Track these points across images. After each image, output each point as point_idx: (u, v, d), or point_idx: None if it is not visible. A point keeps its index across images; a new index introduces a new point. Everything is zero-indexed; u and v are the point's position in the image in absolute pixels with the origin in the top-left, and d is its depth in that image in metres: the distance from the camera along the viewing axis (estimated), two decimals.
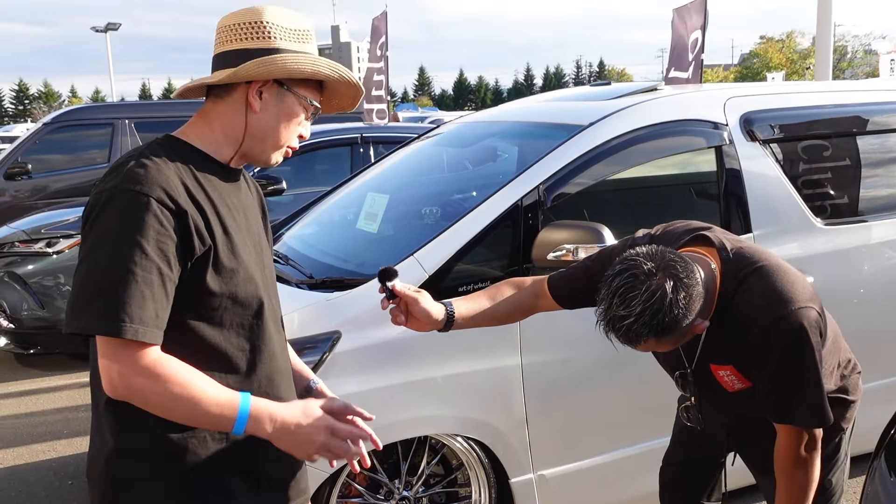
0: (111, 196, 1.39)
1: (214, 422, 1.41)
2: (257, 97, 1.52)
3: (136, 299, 1.34)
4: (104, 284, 1.35)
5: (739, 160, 3.10)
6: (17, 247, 5.67)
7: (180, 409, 1.39)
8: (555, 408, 2.79)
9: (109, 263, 1.35)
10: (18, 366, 5.76)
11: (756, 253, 1.96)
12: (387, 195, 3.50)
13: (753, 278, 1.89)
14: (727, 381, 2.02)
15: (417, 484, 2.71)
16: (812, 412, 1.89)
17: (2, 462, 4.11)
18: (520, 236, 2.73)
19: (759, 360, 1.90)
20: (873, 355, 3.11)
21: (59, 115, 8.71)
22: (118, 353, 1.36)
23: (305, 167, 6.41)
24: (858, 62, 49.77)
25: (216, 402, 1.40)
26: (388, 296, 1.97)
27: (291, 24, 1.54)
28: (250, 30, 1.51)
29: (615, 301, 1.74)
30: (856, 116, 3.43)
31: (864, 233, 3.30)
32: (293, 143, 1.61)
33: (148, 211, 1.37)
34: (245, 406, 1.41)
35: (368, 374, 2.54)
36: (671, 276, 1.73)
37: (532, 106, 3.97)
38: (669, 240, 2.03)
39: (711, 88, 3.58)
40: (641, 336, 1.74)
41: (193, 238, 1.42)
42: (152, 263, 1.36)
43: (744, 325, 1.88)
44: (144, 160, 1.43)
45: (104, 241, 1.37)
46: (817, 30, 8.18)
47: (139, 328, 1.34)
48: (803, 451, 1.92)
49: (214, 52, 1.56)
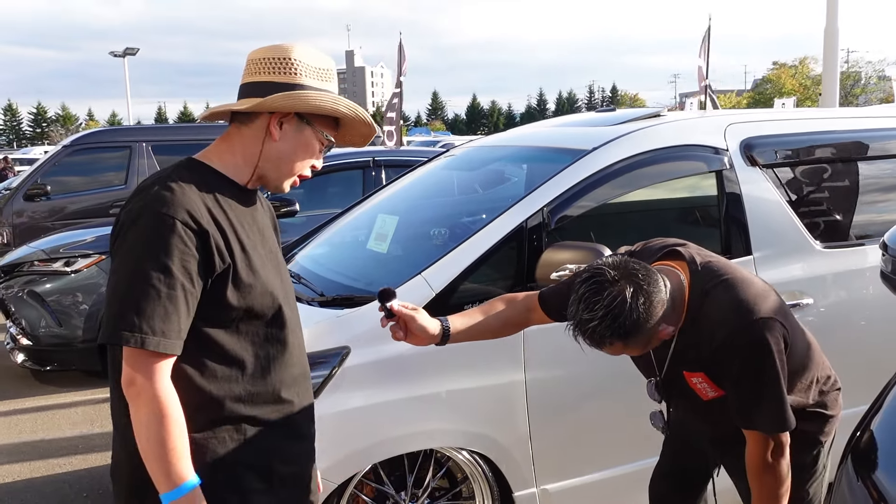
0: (138, 216, 1.51)
1: (162, 469, 1.49)
2: (278, 127, 1.65)
3: (160, 314, 1.47)
4: (131, 300, 1.47)
5: (740, 184, 3.18)
6: (36, 266, 5.80)
7: (154, 438, 1.48)
8: (558, 423, 2.86)
9: (137, 280, 1.47)
10: (35, 382, 5.87)
11: (724, 267, 2.08)
12: (396, 217, 3.60)
13: (719, 290, 2.01)
14: (700, 389, 2.12)
15: (423, 496, 2.78)
16: (773, 419, 1.98)
17: (20, 475, 4.21)
18: (524, 256, 2.82)
19: (722, 368, 2.02)
20: (871, 376, 3.16)
21: (78, 138, 8.89)
22: (140, 362, 1.48)
23: (318, 189, 6.53)
24: (872, 88, 49.75)
25: (180, 457, 1.49)
26: (386, 315, 2.12)
27: (316, 62, 1.67)
28: (279, 65, 1.64)
29: (581, 306, 1.87)
30: (854, 142, 3.51)
31: (863, 256, 3.36)
32: (305, 172, 1.73)
33: (173, 232, 1.49)
34: (190, 485, 1.50)
35: (377, 389, 2.62)
36: (632, 283, 1.86)
37: (539, 131, 4.07)
38: (647, 254, 2.16)
39: (713, 115, 3.68)
40: (605, 338, 1.87)
41: (214, 256, 1.54)
42: (176, 281, 1.48)
43: (709, 334, 2.00)
44: (170, 183, 1.55)
45: (132, 259, 1.49)
46: (824, 57, 8.30)
47: (161, 340, 1.47)
48: (769, 458, 2.01)
49: (242, 81, 1.69)
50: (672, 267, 2.08)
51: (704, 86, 6.25)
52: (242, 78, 1.69)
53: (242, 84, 1.69)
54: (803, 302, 3.14)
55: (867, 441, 1.48)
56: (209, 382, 1.58)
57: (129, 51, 32.96)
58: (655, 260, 2.13)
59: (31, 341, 5.54)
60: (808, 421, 2.14)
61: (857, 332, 3.29)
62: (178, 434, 1.50)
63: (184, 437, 1.51)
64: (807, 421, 2.12)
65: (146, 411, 1.48)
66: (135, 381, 1.48)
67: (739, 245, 3.14)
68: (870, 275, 3.37)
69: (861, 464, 1.41)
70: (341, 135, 1.78)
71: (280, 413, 1.68)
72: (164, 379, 1.50)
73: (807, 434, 2.15)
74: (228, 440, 1.60)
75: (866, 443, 1.48)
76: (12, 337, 5.71)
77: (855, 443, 1.49)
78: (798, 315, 3.06)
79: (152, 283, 1.47)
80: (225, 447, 1.59)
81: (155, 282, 1.47)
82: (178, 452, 1.49)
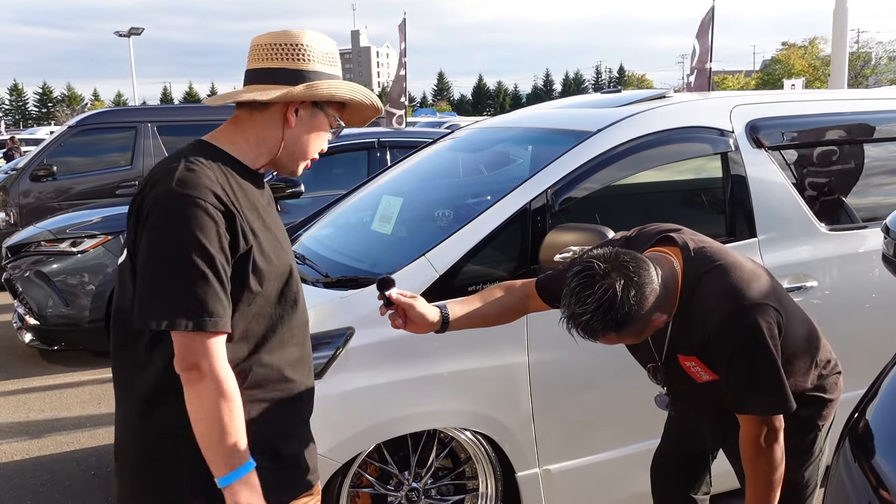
0: (167, 201, 1.50)
1: (225, 451, 1.50)
2: (294, 114, 1.66)
3: (210, 293, 1.49)
4: (177, 283, 1.48)
5: (745, 166, 3.17)
6: (43, 246, 5.83)
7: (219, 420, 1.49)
8: (560, 405, 2.88)
9: (179, 263, 1.48)
10: (43, 362, 5.92)
11: (717, 252, 2.08)
12: (401, 198, 3.61)
13: (711, 275, 2.02)
14: (694, 373, 2.13)
15: (426, 476, 2.81)
16: (767, 403, 1.99)
17: (28, 453, 4.26)
18: (528, 238, 2.83)
19: (715, 352, 2.02)
20: (874, 359, 3.16)
21: (84, 119, 8.88)
22: (199, 345, 1.49)
23: (323, 171, 6.52)
24: (882, 69, 49.34)
25: (242, 438, 1.52)
26: (385, 303, 2.12)
27: (323, 48, 1.68)
28: (289, 51, 1.65)
29: (572, 300, 1.89)
30: (860, 124, 3.49)
31: (868, 239, 3.35)
32: (316, 155, 1.76)
33: (206, 213, 1.50)
34: (252, 465, 1.53)
35: (381, 369, 2.64)
36: (623, 276, 1.86)
37: (543, 112, 4.06)
38: (642, 240, 2.17)
39: (718, 96, 3.66)
40: (598, 331, 1.89)
41: (239, 238, 1.56)
42: (216, 260, 1.50)
43: (702, 319, 2.00)
44: (192, 165, 1.55)
45: (168, 242, 1.49)
46: (833, 37, 8.23)
47: (216, 320, 1.49)
48: (763, 442, 2.02)
49: (250, 66, 1.68)
50: (665, 253, 2.08)
51: (701, 68, 6.27)
52: (249, 63, 1.69)
53: (250, 69, 1.68)
54: (808, 284, 3.14)
55: (864, 427, 1.49)
56: None
57: (135, 30, 32.89)
58: (650, 246, 2.13)
59: (38, 321, 5.58)
60: (807, 405, 2.14)
61: (861, 315, 3.29)
62: (240, 415, 1.52)
63: (242, 418, 1.53)
64: (805, 405, 2.12)
65: (210, 394, 1.49)
66: (198, 366, 1.48)
67: (744, 227, 3.13)
68: (875, 258, 3.36)
69: (859, 448, 1.42)
70: (345, 116, 1.79)
71: (284, 393, 1.70)
72: (224, 360, 1.52)
73: (804, 418, 2.15)
74: None
75: (863, 428, 1.49)
76: (20, 317, 5.75)
77: (852, 427, 1.50)
78: (802, 298, 3.07)
79: (195, 263, 1.47)
80: None
81: (197, 262, 1.47)
82: (240, 433, 1.51)
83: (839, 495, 1.41)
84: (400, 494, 2.80)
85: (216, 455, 1.51)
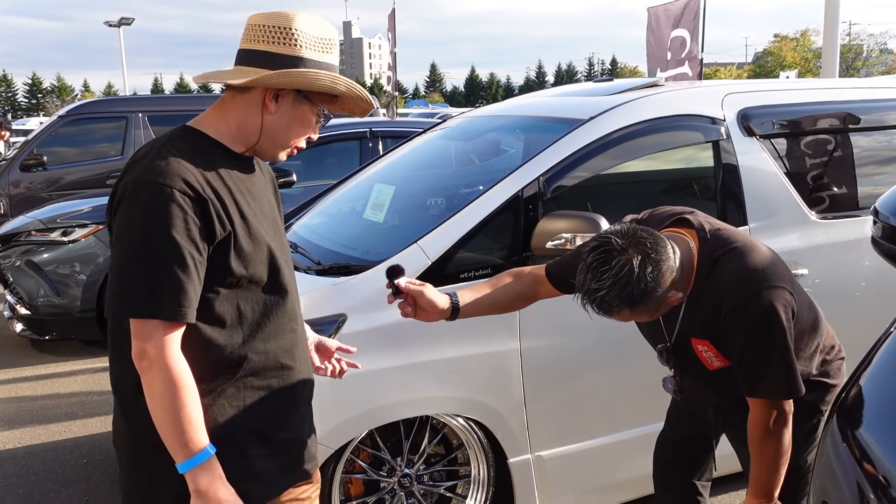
0: (135, 188, 1.49)
1: (178, 438, 1.49)
2: (273, 100, 1.62)
3: (169, 283, 1.47)
4: (137, 271, 1.46)
5: (736, 155, 3.18)
6: (34, 235, 5.81)
7: (169, 408, 1.48)
8: (552, 391, 2.89)
9: (142, 252, 1.47)
10: (34, 351, 5.91)
11: (733, 235, 2.07)
12: (393, 186, 3.60)
13: (727, 258, 2.00)
14: (706, 358, 2.12)
15: (419, 462, 2.82)
16: (779, 386, 1.99)
17: (21, 441, 4.25)
18: (520, 226, 2.83)
19: (729, 335, 2.01)
20: (866, 346, 3.18)
21: (74, 108, 8.83)
22: (150, 333, 1.48)
23: (315, 160, 6.52)
24: (874, 61, 49.48)
25: (195, 426, 1.50)
26: (393, 291, 2.09)
27: (318, 33, 1.63)
28: (279, 34, 1.60)
29: (588, 276, 1.86)
30: (851, 113, 3.50)
31: (859, 226, 3.37)
32: (300, 143, 1.71)
33: (172, 201, 1.47)
34: (207, 453, 1.51)
35: (372, 356, 2.64)
36: (640, 252, 1.84)
37: (535, 101, 4.06)
38: (654, 222, 2.15)
39: (710, 84, 3.67)
40: (613, 307, 1.86)
41: (215, 224, 1.53)
42: (182, 249, 1.48)
43: (717, 301, 1.99)
44: (164, 153, 1.53)
45: (134, 231, 1.48)
46: (824, 29, 8.24)
47: (174, 309, 1.47)
48: (772, 426, 2.02)
49: (241, 45, 1.65)
50: (681, 234, 2.06)
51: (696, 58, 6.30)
52: (241, 42, 1.65)
53: (240, 49, 1.65)
54: (798, 272, 3.15)
55: (854, 396, 1.49)
56: (209, 349, 1.58)
57: (125, 20, 32.67)
58: (664, 227, 2.11)
59: (29, 311, 5.56)
60: (810, 390, 2.13)
61: (852, 303, 3.31)
62: (193, 403, 1.50)
63: (198, 406, 1.51)
64: (808, 389, 2.11)
65: (160, 382, 1.48)
66: (146, 353, 1.48)
67: (735, 215, 3.14)
68: (865, 246, 3.36)
69: (846, 420, 1.43)
70: (340, 105, 1.75)
71: (279, 379, 1.69)
72: (174, 349, 1.49)
73: (807, 403, 2.15)
74: (228, 407, 1.61)
75: (853, 398, 1.49)
76: (11, 306, 5.73)
77: (842, 401, 1.50)
78: None
79: (158, 253, 1.46)
80: (225, 414, 1.61)
81: (160, 252, 1.46)
82: (193, 421, 1.50)
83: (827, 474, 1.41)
84: (392, 480, 2.80)
85: (172, 442, 1.50)
